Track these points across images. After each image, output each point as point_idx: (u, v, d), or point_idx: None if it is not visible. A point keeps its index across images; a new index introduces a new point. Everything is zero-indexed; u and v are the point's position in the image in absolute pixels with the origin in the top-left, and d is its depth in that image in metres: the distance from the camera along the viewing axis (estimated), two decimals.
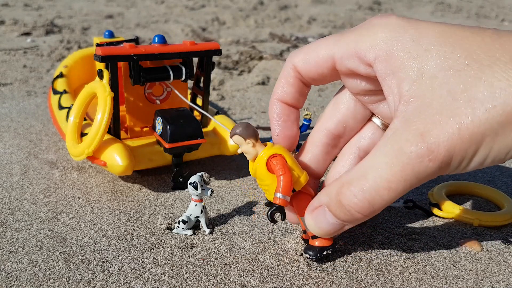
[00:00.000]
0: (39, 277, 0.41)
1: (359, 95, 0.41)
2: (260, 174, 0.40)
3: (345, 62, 0.38)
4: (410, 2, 2.70)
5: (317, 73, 0.40)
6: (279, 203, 0.39)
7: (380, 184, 0.34)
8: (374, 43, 0.35)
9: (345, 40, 0.38)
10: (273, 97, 0.43)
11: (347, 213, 0.37)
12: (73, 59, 0.84)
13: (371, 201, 0.35)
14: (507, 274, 0.43)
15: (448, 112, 0.32)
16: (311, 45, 0.41)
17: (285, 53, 1.42)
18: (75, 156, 0.56)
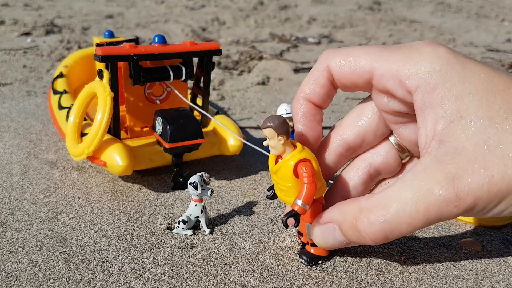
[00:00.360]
0: (39, 277, 0.41)
1: (387, 113, 0.41)
2: (283, 175, 0.39)
3: (384, 81, 0.37)
4: (410, 2, 2.70)
5: (351, 82, 0.40)
6: (297, 210, 0.38)
7: (402, 218, 0.34)
8: (419, 72, 0.35)
9: (389, 58, 0.37)
10: (299, 95, 0.42)
11: (359, 237, 0.37)
12: (73, 59, 0.84)
13: (388, 233, 0.35)
14: (507, 274, 0.43)
15: (481, 163, 0.32)
16: (350, 50, 0.40)
17: (285, 53, 1.42)
18: (75, 156, 0.56)
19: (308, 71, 1.21)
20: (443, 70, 0.34)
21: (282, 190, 0.40)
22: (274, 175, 0.41)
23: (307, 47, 1.54)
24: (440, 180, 0.33)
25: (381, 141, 0.44)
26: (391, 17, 2.19)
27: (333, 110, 0.92)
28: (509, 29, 1.96)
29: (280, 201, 0.55)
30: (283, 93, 1.03)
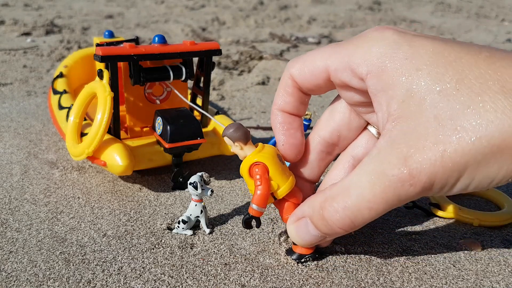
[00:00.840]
0: (39, 277, 0.41)
1: (354, 105, 0.41)
2: (244, 178, 0.41)
3: (339, 75, 0.38)
4: (410, 2, 2.70)
5: (313, 84, 0.40)
6: (252, 214, 0.40)
7: (362, 203, 0.34)
8: (367, 57, 0.35)
9: (340, 52, 0.38)
10: (273, 107, 0.43)
11: (328, 227, 0.37)
12: (73, 59, 0.84)
13: (353, 219, 0.36)
14: (507, 274, 0.43)
15: (432, 138, 0.31)
16: (308, 55, 0.41)
17: (285, 53, 1.42)
18: (75, 156, 0.56)
19: None
20: (390, 51, 0.34)
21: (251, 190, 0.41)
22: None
23: (307, 47, 1.54)
24: (392, 161, 0.33)
25: (361, 132, 0.44)
26: (391, 17, 2.19)
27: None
28: (509, 29, 1.96)
29: None
30: None
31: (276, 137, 0.43)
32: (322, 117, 0.45)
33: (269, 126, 0.82)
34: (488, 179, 0.32)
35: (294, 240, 0.42)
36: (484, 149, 0.30)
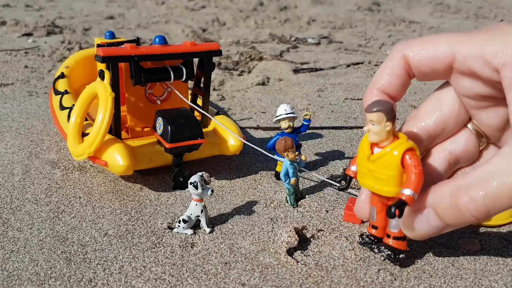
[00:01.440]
0: (40, 276, 0.41)
1: (467, 97, 0.40)
2: (387, 163, 0.38)
3: (468, 62, 0.37)
4: (409, 3, 2.70)
5: (431, 68, 0.39)
6: (406, 200, 0.37)
7: (504, 191, 0.34)
8: (505, 50, 0.35)
9: (471, 41, 0.37)
10: (373, 86, 0.42)
11: (458, 216, 0.36)
12: (74, 59, 0.84)
13: (490, 207, 0.35)
14: (506, 273, 0.43)
15: None
16: (426, 39, 0.40)
17: (285, 53, 1.42)
18: (76, 156, 0.56)
19: (308, 71, 1.22)
20: None
21: (380, 180, 0.39)
22: (369, 163, 0.39)
23: (307, 48, 1.54)
24: None
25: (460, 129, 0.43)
26: (390, 18, 2.19)
27: (332, 110, 0.92)
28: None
29: (280, 201, 0.56)
30: (283, 93, 1.03)
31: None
32: (425, 107, 0.43)
33: (269, 126, 0.83)
34: None
35: (407, 232, 0.40)
36: None
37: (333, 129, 0.82)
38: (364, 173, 0.41)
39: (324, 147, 0.74)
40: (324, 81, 1.13)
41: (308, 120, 0.59)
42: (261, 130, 0.81)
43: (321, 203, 0.55)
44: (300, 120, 0.78)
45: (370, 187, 0.41)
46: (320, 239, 0.48)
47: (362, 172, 0.41)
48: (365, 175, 0.41)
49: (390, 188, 0.39)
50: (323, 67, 1.26)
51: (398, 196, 0.38)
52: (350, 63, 1.31)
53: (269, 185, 0.60)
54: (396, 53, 0.41)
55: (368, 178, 0.40)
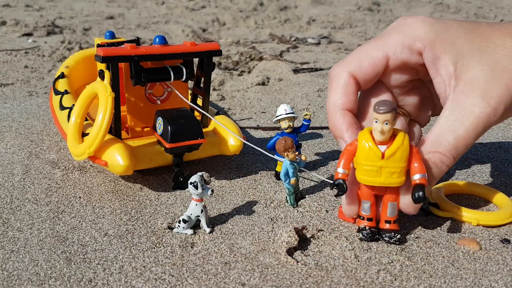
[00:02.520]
0: (40, 276, 0.41)
1: (397, 87, 0.51)
2: (400, 157, 0.43)
3: (399, 56, 0.47)
4: (409, 3, 2.70)
5: (374, 73, 0.48)
6: (423, 182, 0.43)
7: (460, 142, 0.44)
8: (419, 36, 0.46)
9: (391, 39, 0.47)
10: (336, 109, 0.49)
11: (437, 171, 0.45)
12: (75, 59, 0.84)
13: (455, 156, 0.45)
14: (506, 273, 0.43)
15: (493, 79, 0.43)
16: (356, 53, 0.49)
17: (284, 53, 1.42)
18: (77, 156, 0.56)
19: (308, 71, 1.22)
20: (432, 29, 0.46)
21: (393, 173, 0.44)
22: (381, 161, 0.43)
23: (307, 48, 1.54)
24: (475, 103, 0.43)
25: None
26: (390, 18, 2.19)
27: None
28: None
29: (280, 201, 0.56)
30: (283, 93, 1.03)
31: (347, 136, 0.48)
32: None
33: (269, 126, 0.83)
34: None
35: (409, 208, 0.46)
36: None
37: None
38: (373, 172, 0.44)
39: (324, 147, 0.74)
40: (324, 81, 1.13)
41: (308, 120, 0.59)
42: (261, 130, 0.81)
43: (321, 203, 0.55)
44: (300, 120, 0.78)
45: (380, 182, 0.44)
46: (320, 239, 0.48)
47: (370, 171, 0.44)
48: (374, 173, 0.44)
49: (401, 179, 0.44)
50: (323, 67, 1.26)
51: (414, 183, 0.44)
52: None
53: (269, 185, 0.60)
54: (341, 74, 0.49)
55: (377, 176, 0.44)
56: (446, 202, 0.53)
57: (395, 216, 0.46)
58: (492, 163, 0.68)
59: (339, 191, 0.45)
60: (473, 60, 0.44)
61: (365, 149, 0.44)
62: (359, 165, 0.45)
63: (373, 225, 0.47)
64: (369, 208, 0.47)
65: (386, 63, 0.47)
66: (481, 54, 0.44)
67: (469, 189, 0.59)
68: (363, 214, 0.47)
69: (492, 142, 0.77)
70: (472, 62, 0.44)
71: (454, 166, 0.66)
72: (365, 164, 0.44)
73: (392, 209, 0.46)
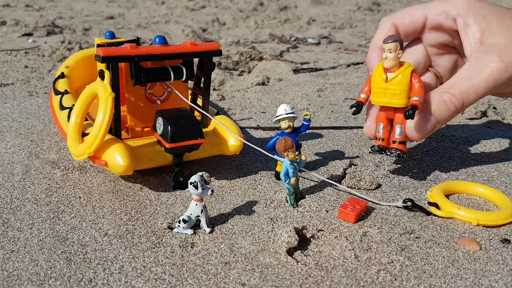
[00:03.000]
0: (40, 276, 0.41)
1: (432, 46, 0.62)
2: (401, 80, 0.52)
3: (436, 18, 0.58)
4: (409, 3, 2.70)
5: (413, 27, 0.59)
6: (416, 103, 0.52)
7: (471, 88, 0.53)
8: (456, 7, 0.56)
9: (433, 5, 0.58)
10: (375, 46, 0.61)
11: (445, 109, 0.54)
12: (75, 59, 0.84)
13: (465, 99, 0.54)
14: (506, 273, 0.43)
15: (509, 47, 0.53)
16: (404, 10, 0.60)
17: (284, 53, 1.42)
18: (77, 156, 0.56)
19: (308, 71, 1.22)
20: (470, 4, 0.56)
21: (394, 94, 0.53)
22: (385, 84, 0.53)
23: (307, 48, 1.54)
24: (492, 59, 0.53)
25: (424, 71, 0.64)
26: None
27: (332, 110, 0.92)
28: None
29: (280, 201, 0.56)
30: (283, 93, 1.03)
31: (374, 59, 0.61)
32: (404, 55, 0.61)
33: (269, 126, 0.83)
34: None
35: (412, 134, 0.55)
36: None
37: (333, 129, 0.82)
38: (379, 93, 0.54)
39: (324, 147, 0.74)
40: (324, 81, 1.13)
41: (308, 120, 0.59)
42: (261, 130, 0.81)
43: (321, 203, 0.55)
44: (300, 120, 0.78)
45: (384, 102, 0.54)
46: (320, 239, 0.48)
47: (378, 92, 0.55)
48: (380, 94, 0.54)
49: (402, 100, 0.53)
50: (323, 67, 1.26)
51: (411, 103, 0.52)
52: (350, 63, 1.31)
53: (269, 185, 0.60)
54: (386, 22, 0.60)
55: (383, 96, 0.54)
56: (446, 202, 0.53)
57: (401, 137, 0.55)
58: (492, 163, 0.68)
59: (356, 110, 0.56)
60: (499, 32, 0.54)
61: (376, 75, 0.54)
62: (372, 89, 0.56)
63: (384, 144, 0.57)
64: (382, 129, 0.57)
65: (424, 21, 0.59)
66: (507, 29, 0.54)
67: (469, 189, 0.59)
68: (378, 135, 0.57)
69: (492, 142, 0.77)
70: (497, 32, 0.54)
71: (454, 166, 0.66)
72: (374, 87, 0.55)
73: (399, 131, 0.55)
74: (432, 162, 0.68)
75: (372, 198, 0.56)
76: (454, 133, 0.80)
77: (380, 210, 0.54)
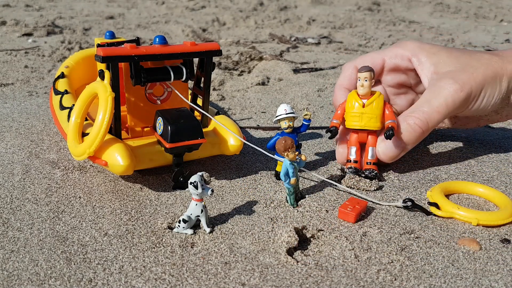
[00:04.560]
0: (40, 276, 0.41)
1: (390, 87, 0.69)
2: (377, 106, 0.59)
3: (393, 60, 0.66)
4: (409, 3, 2.70)
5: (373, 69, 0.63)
6: (393, 125, 0.58)
7: (433, 109, 0.59)
8: (408, 48, 0.65)
9: (389, 50, 0.67)
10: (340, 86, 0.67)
11: (411, 132, 0.59)
12: (75, 59, 0.84)
13: (428, 120, 0.59)
14: (506, 273, 0.43)
15: (463, 71, 0.60)
16: (363, 56, 0.68)
17: (285, 53, 1.42)
18: (77, 156, 0.56)
19: (308, 71, 1.22)
20: (421, 45, 0.65)
21: (371, 119, 0.59)
22: (363, 109, 0.59)
23: (307, 48, 1.54)
24: (448, 82, 0.59)
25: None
26: (390, 18, 2.19)
27: (332, 110, 0.92)
28: (508, 29, 1.96)
29: (280, 201, 0.56)
30: (283, 93, 1.03)
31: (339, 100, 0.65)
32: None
33: (269, 126, 0.83)
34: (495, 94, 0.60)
35: (383, 156, 0.60)
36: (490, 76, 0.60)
37: None
38: (356, 117, 0.60)
39: (324, 147, 0.74)
40: (324, 81, 1.13)
41: (308, 120, 0.59)
42: (261, 130, 0.81)
43: (321, 203, 0.55)
44: (300, 120, 0.78)
45: (361, 126, 0.60)
46: (320, 239, 0.48)
47: (354, 117, 0.60)
48: (357, 118, 0.60)
49: (377, 124, 0.59)
50: (323, 67, 1.26)
51: (387, 125, 0.58)
52: None
53: (269, 185, 0.60)
54: (349, 66, 0.67)
55: (359, 120, 0.60)
56: (446, 202, 0.53)
57: (374, 159, 0.61)
58: (492, 163, 0.68)
59: (332, 135, 0.61)
60: (449, 62, 0.61)
61: (352, 102, 0.60)
62: (347, 115, 0.60)
63: (358, 166, 0.61)
64: (355, 153, 0.62)
65: (383, 64, 0.66)
66: (456, 60, 0.61)
67: (469, 189, 0.59)
68: (350, 157, 0.62)
69: (492, 142, 0.77)
70: (448, 62, 0.61)
71: (454, 166, 0.66)
72: (350, 112, 0.60)
73: (372, 152, 0.61)
74: (432, 162, 0.68)
75: (372, 198, 0.56)
76: (454, 133, 0.81)
77: (380, 210, 0.54)
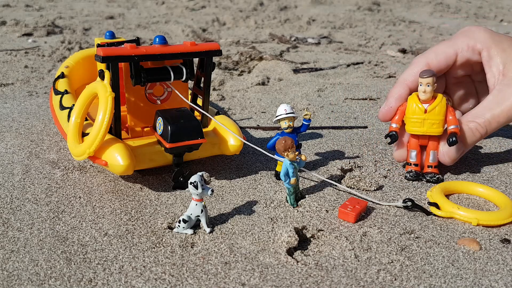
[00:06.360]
0: (40, 276, 0.41)
1: (453, 77, 0.67)
2: (439, 111, 0.58)
3: (465, 54, 0.63)
4: (409, 3, 2.70)
5: (446, 65, 0.64)
6: (456, 131, 0.57)
7: (494, 118, 0.60)
8: (479, 40, 0.62)
9: (459, 41, 0.64)
10: (403, 81, 0.63)
11: (471, 136, 0.60)
12: (75, 59, 0.84)
13: (488, 128, 0.60)
14: (506, 273, 0.43)
15: None
16: (434, 49, 0.65)
17: (284, 53, 1.42)
18: (77, 156, 0.56)
19: (308, 71, 1.22)
20: (490, 37, 0.62)
21: (433, 124, 0.58)
22: (424, 115, 0.58)
23: (307, 48, 1.54)
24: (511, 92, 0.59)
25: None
26: (390, 18, 2.19)
27: (332, 110, 0.92)
28: (508, 30, 1.96)
29: (280, 201, 0.56)
30: (283, 93, 1.03)
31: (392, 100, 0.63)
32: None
33: (269, 126, 0.83)
34: None
35: (445, 158, 0.60)
36: None
37: (333, 129, 0.82)
38: (417, 123, 0.59)
39: (324, 147, 0.74)
40: (324, 81, 1.13)
41: (308, 120, 0.59)
42: (261, 130, 0.81)
43: (321, 203, 0.55)
44: (300, 120, 0.78)
45: (423, 131, 0.59)
46: (320, 239, 0.48)
47: (416, 122, 0.59)
48: (419, 124, 0.59)
49: (439, 129, 0.59)
50: (323, 67, 1.26)
51: (450, 131, 0.58)
52: (350, 63, 1.32)
53: (269, 185, 0.60)
54: (419, 62, 0.64)
55: (421, 126, 0.59)
56: (446, 202, 0.53)
57: (435, 162, 0.61)
58: (492, 163, 0.68)
59: (392, 140, 0.60)
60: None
61: (413, 106, 0.59)
62: (408, 119, 0.60)
63: (418, 170, 0.61)
64: (415, 156, 0.61)
65: (455, 58, 0.64)
66: None
67: (469, 189, 0.59)
68: (411, 160, 0.61)
69: (492, 142, 0.77)
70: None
71: (454, 166, 0.66)
72: (412, 118, 0.59)
73: (433, 156, 0.60)
74: None
75: (372, 198, 0.56)
76: None
77: (380, 210, 0.54)
